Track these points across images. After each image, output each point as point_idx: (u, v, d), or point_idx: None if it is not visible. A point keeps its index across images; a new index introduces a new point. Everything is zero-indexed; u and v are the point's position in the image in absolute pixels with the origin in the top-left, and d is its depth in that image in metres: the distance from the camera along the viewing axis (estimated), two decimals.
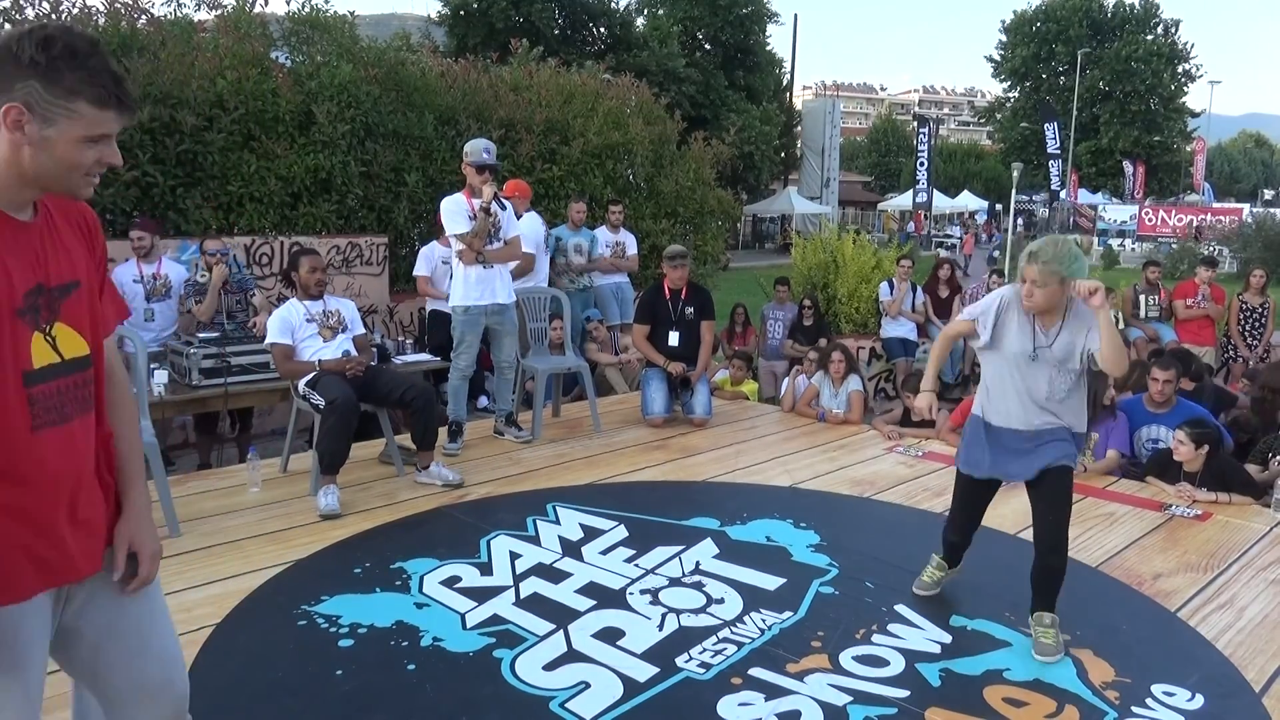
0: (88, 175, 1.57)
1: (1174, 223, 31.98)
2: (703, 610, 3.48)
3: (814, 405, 6.62)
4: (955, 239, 33.12)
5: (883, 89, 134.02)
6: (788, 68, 35.69)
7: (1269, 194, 61.59)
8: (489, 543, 4.10)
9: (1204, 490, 4.86)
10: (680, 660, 3.09)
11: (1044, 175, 38.71)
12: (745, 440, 6.04)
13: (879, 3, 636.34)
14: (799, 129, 35.19)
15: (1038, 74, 48.17)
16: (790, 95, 36.49)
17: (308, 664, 3.01)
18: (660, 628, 3.33)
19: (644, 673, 3.01)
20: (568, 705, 2.80)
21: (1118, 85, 44.68)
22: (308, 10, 8.79)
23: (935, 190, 35.33)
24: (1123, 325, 9.23)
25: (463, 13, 26.78)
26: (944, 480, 5.14)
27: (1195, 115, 47.25)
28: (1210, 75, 57.10)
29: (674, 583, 3.73)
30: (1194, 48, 46.02)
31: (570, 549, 4.06)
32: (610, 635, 3.26)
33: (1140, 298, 9.50)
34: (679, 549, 4.06)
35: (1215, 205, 37.45)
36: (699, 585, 3.71)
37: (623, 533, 4.26)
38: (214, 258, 5.93)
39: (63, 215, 1.66)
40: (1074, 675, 3.04)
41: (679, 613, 3.45)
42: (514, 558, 3.94)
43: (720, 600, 3.57)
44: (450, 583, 3.67)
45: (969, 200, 39.74)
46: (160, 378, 5.24)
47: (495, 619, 3.37)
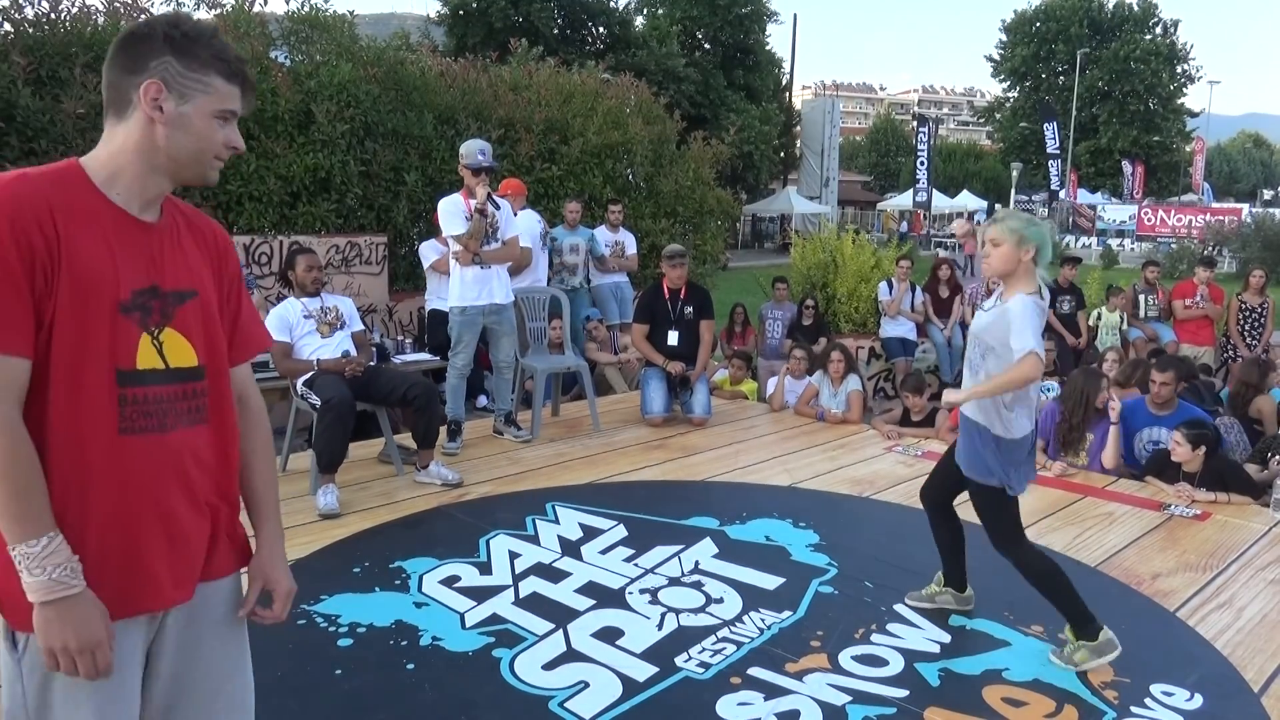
0: (217, 158, 1.54)
1: (1173, 222, 31.99)
2: (702, 610, 3.48)
3: (813, 405, 6.62)
4: (957, 239, 33.11)
5: (882, 89, 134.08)
6: (787, 67, 35.69)
7: (1268, 194, 61.61)
8: (488, 542, 4.10)
9: (1203, 490, 4.86)
10: (679, 660, 3.09)
11: (1043, 175, 38.75)
12: (744, 440, 6.04)
13: (878, 2, 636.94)
14: (798, 128, 35.18)
15: (1037, 74, 48.18)
16: (790, 95, 36.50)
17: (307, 663, 3.01)
18: (659, 627, 3.33)
19: (643, 672, 3.01)
20: (567, 705, 2.80)
21: (1117, 85, 44.69)
22: (307, 9, 8.78)
23: (935, 190, 35.35)
24: (1124, 325, 9.24)
25: (462, 12, 26.78)
26: None
27: (1194, 115, 47.28)
28: (1209, 75, 57.10)
29: (673, 582, 3.73)
30: (1193, 48, 46.09)
31: (569, 548, 4.06)
32: (609, 635, 3.26)
33: (1140, 297, 9.51)
34: (678, 548, 4.06)
35: (1214, 205, 37.46)
36: (698, 585, 3.71)
37: (622, 532, 4.26)
38: None
39: (190, 228, 1.61)
40: (1073, 675, 3.04)
41: (678, 612, 3.45)
42: (513, 557, 3.94)
43: (719, 600, 3.57)
44: (449, 582, 3.67)
45: (968, 200, 39.73)
46: None
47: (494, 618, 3.37)
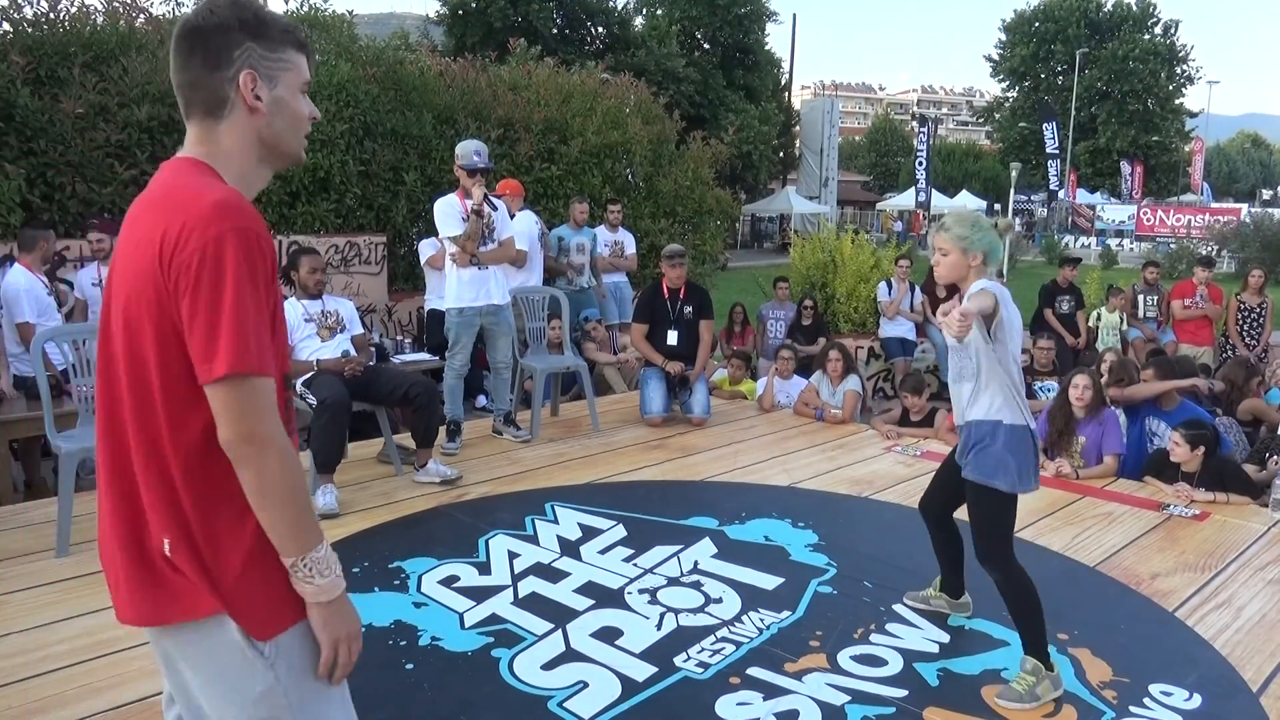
0: (305, 134, 1.53)
1: (1172, 223, 32.00)
2: (701, 610, 3.48)
3: (812, 405, 6.62)
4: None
5: (881, 88, 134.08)
6: (786, 67, 35.68)
7: (1267, 194, 61.63)
8: (487, 542, 4.10)
9: (1202, 490, 4.86)
10: (679, 660, 3.09)
11: (1042, 175, 38.74)
12: (744, 440, 6.04)
13: (878, 2, 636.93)
14: (797, 128, 35.16)
15: (1036, 74, 48.20)
16: (789, 95, 36.47)
17: None
18: (658, 627, 3.33)
19: (642, 672, 3.00)
20: (566, 705, 2.80)
21: (1115, 85, 44.71)
22: (306, 9, 8.79)
23: (934, 190, 35.34)
24: (1124, 325, 9.24)
25: (461, 12, 26.76)
26: None
27: (1193, 115, 47.30)
28: (1209, 75, 57.14)
29: (672, 582, 3.73)
30: (1193, 48, 46.09)
31: (569, 548, 4.05)
32: (608, 635, 3.26)
33: (1139, 298, 9.51)
34: (677, 548, 4.06)
35: (1213, 205, 37.47)
36: (697, 585, 3.71)
37: (621, 532, 4.26)
38: None
39: None
40: (1072, 675, 3.04)
41: (677, 612, 3.45)
42: (512, 557, 3.94)
43: (718, 600, 3.57)
44: (448, 582, 3.66)
45: (967, 200, 39.74)
46: None
47: (493, 618, 3.37)
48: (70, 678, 2.88)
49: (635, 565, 3.89)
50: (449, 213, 5.35)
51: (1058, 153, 35.99)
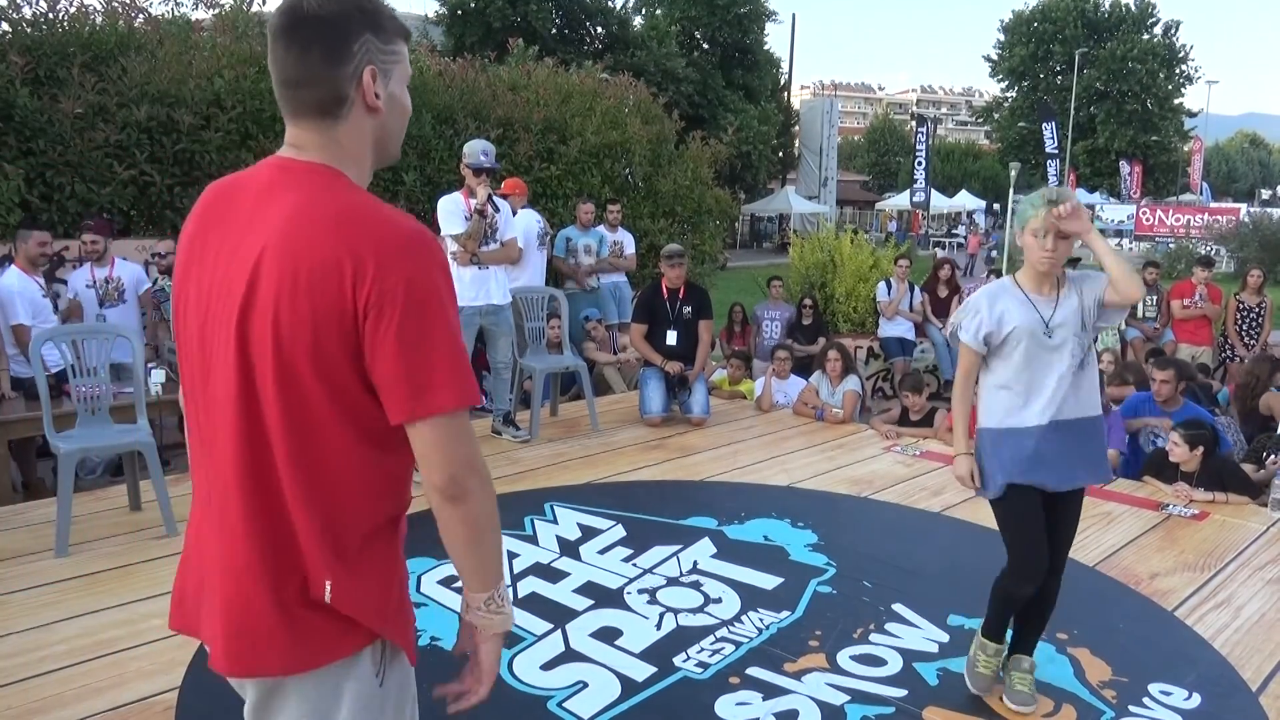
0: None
1: (1171, 222, 31.99)
2: (700, 610, 3.48)
3: (811, 405, 6.62)
4: (961, 238, 33.17)
5: (880, 88, 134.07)
6: (786, 67, 35.67)
7: (1266, 194, 61.65)
8: None
9: (1201, 490, 4.86)
10: (678, 660, 3.09)
11: (1041, 175, 38.69)
12: (743, 440, 6.04)
13: (877, 2, 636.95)
14: (797, 128, 35.16)
15: (1035, 74, 48.19)
16: (788, 94, 36.45)
17: None
18: (658, 627, 3.33)
19: (642, 672, 3.01)
20: (565, 705, 2.80)
21: (1114, 85, 44.72)
22: None
23: (933, 190, 35.33)
24: (1123, 326, 9.24)
25: (460, 12, 26.74)
26: (941, 480, 5.14)
27: (1192, 115, 47.29)
28: (1208, 75, 57.16)
29: (672, 582, 3.73)
30: (1193, 48, 46.08)
31: (568, 548, 4.05)
32: (608, 635, 3.26)
33: None
34: (677, 548, 4.06)
35: (1212, 205, 37.47)
36: (697, 584, 3.71)
37: (620, 532, 4.26)
38: None
39: None
40: (1071, 674, 3.05)
41: (677, 612, 3.45)
42: (511, 557, 3.94)
43: (718, 600, 3.57)
44: (448, 582, 3.66)
45: (967, 200, 39.75)
46: (157, 377, 5.23)
47: None
48: (69, 678, 2.88)
49: (635, 565, 3.89)
50: (452, 211, 5.36)
51: (1057, 152, 35.97)
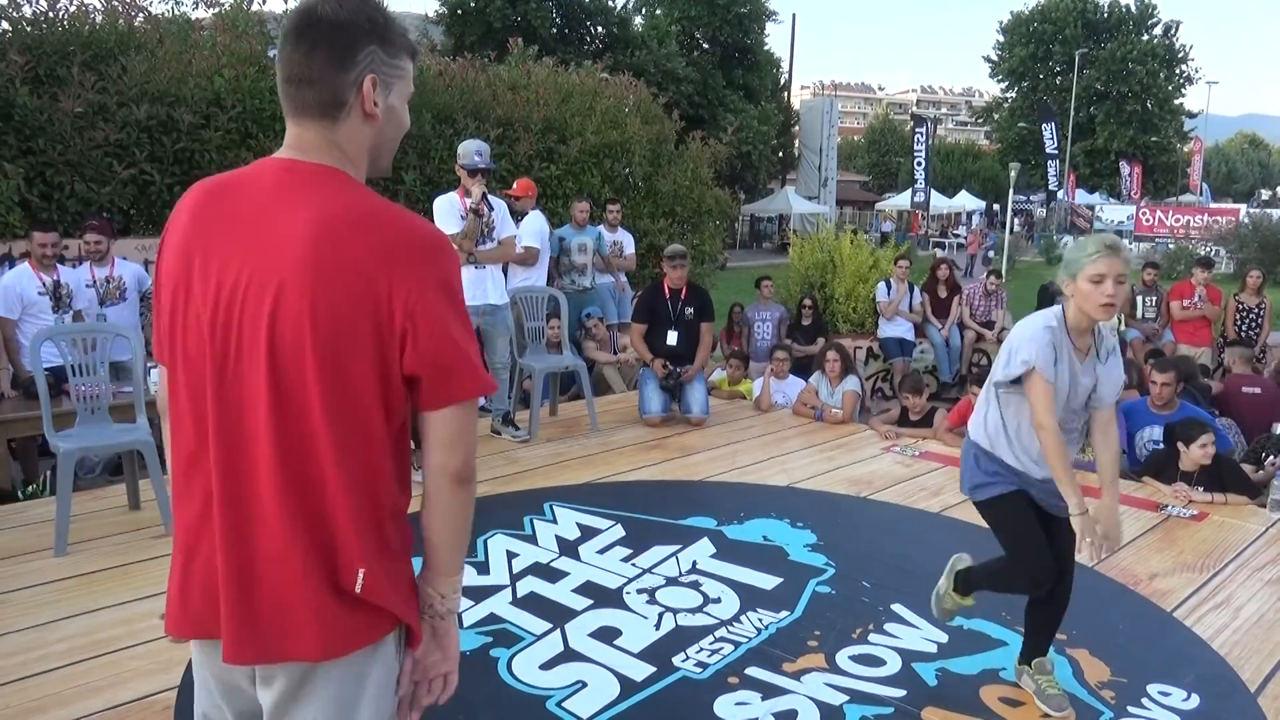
0: None
1: (1171, 223, 32.00)
2: (699, 609, 3.48)
3: (810, 405, 6.62)
4: (961, 238, 33.19)
5: (880, 89, 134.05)
6: (786, 67, 35.66)
7: (1265, 194, 61.65)
8: (486, 542, 4.09)
9: (1200, 490, 4.87)
10: (677, 659, 3.09)
11: (1041, 175, 38.72)
12: (742, 440, 6.04)
13: (877, 2, 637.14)
14: (797, 128, 35.15)
15: (1035, 74, 48.20)
16: (788, 94, 36.43)
17: None
18: (657, 627, 3.33)
19: (641, 672, 3.01)
20: (564, 704, 2.80)
21: (1114, 86, 44.73)
22: None
23: (933, 190, 35.33)
24: (1122, 326, 9.24)
25: (460, 11, 26.73)
26: (941, 480, 5.15)
27: (1192, 116, 47.29)
28: (1207, 76, 57.16)
29: (671, 582, 3.73)
30: (1192, 49, 46.08)
31: (567, 548, 4.06)
32: (607, 634, 3.26)
33: (1138, 299, 9.52)
34: (676, 548, 4.06)
35: (1212, 206, 37.47)
36: (696, 584, 3.71)
37: (620, 532, 4.26)
38: None
39: None
40: (1070, 675, 3.05)
41: (676, 612, 3.45)
42: (511, 557, 3.94)
43: (717, 599, 3.57)
44: None
45: (966, 200, 39.73)
46: (156, 376, 5.23)
47: (492, 618, 3.37)
48: (68, 677, 2.88)
49: (634, 565, 3.89)
50: (448, 210, 5.36)
51: (1056, 153, 35.99)
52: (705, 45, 31.87)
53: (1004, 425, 2.78)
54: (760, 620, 3.40)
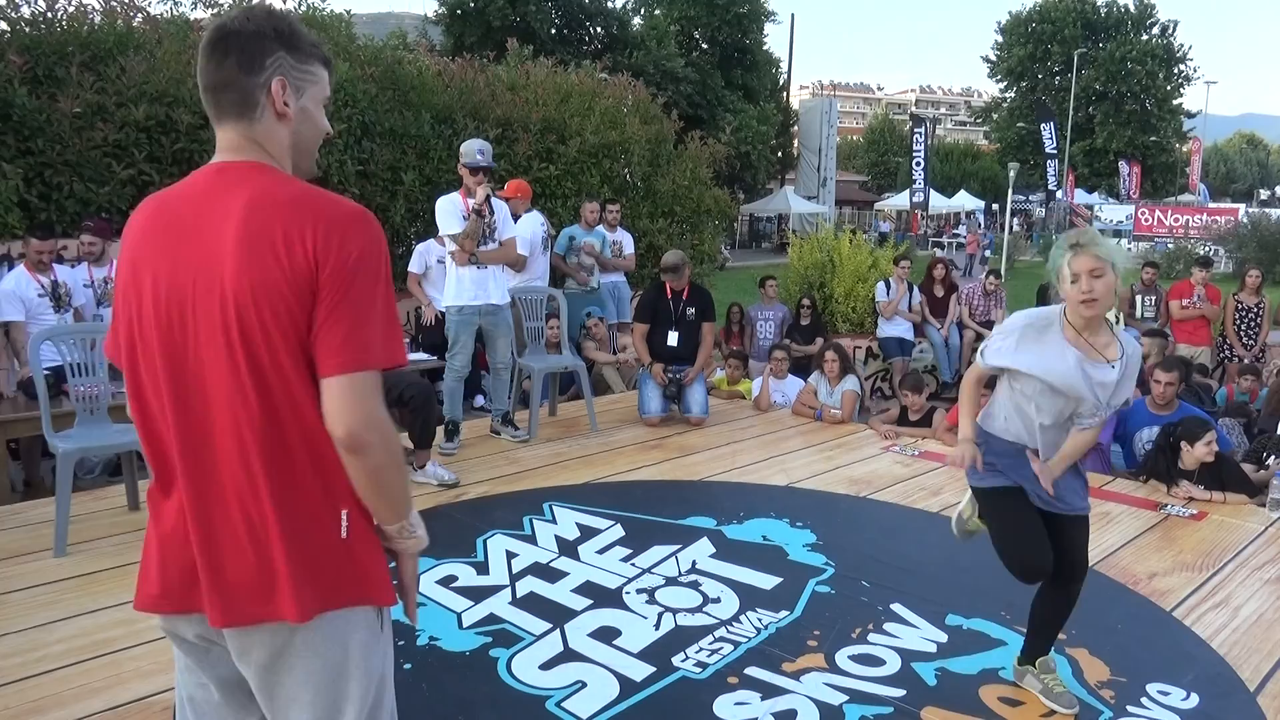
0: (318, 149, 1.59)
1: (1170, 223, 32.02)
2: (699, 609, 3.48)
3: (809, 405, 6.62)
4: (961, 238, 33.21)
5: (879, 89, 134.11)
6: (784, 67, 35.66)
7: (1264, 194, 61.69)
8: (485, 542, 4.09)
9: (1200, 489, 4.87)
10: (676, 659, 3.09)
11: (1040, 175, 38.74)
12: (742, 440, 6.04)
13: (876, 2, 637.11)
14: (796, 128, 35.13)
15: (1033, 74, 48.22)
16: (787, 95, 36.44)
17: None
18: (656, 627, 3.33)
19: (640, 672, 3.01)
20: (564, 704, 2.80)
21: (1113, 86, 44.74)
22: (304, 9, 8.78)
23: (932, 190, 35.34)
24: (1121, 326, 9.24)
25: (459, 12, 26.74)
26: (940, 479, 5.15)
27: (1191, 116, 47.31)
28: (1206, 75, 57.17)
29: (670, 582, 3.73)
30: (1191, 49, 46.09)
31: (567, 548, 4.05)
32: (606, 634, 3.26)
33: (1137, 298, 9.52)
34: (675, 548, 4.06)
35: (1211, 205, 37.50)
36: (695, 584, 3.71)
37: (619, 532, 4.26)
38: None
39: None
40: (1069, 674, 3.05)
41: (675, 612, 3.45)
42: (510, 557, 3.94)
43: (716, 599, 3.57)
44: (446, 582, 3.66)
45: (965, 200, 39.75)
46: None
47: (491, 618, 3.37)
48: (67, 678, 2.88)
49: (633, 565, 3.89)
50: (450, 210, 5.36)
51: (1055, 153, 36.00)
52: (704, 45, 31.88)
53: (1006, 400, 2.83)
54: (760, 620, 3.40)
